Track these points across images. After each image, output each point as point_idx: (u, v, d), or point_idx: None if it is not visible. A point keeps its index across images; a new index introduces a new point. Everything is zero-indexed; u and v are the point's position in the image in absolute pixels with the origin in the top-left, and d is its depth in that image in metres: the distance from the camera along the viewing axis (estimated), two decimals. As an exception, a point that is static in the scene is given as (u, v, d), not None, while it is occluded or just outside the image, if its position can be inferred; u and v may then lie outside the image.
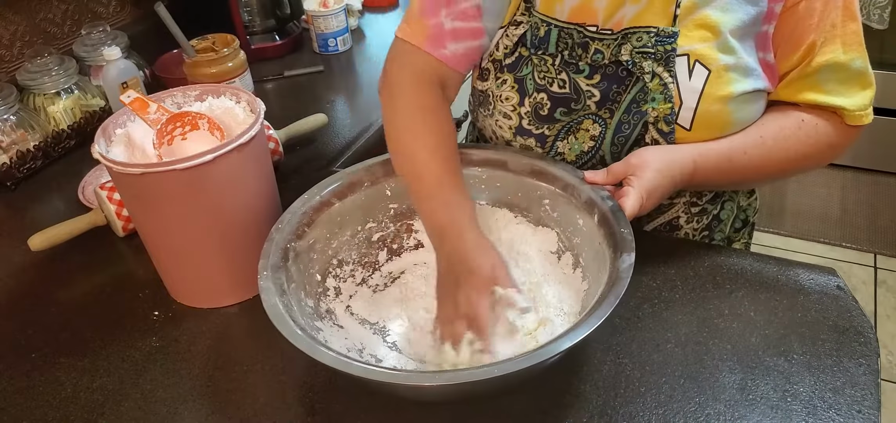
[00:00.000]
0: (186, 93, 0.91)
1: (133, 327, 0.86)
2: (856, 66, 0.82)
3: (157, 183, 0.77)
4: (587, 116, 0.87)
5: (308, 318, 0.74)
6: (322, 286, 0.83)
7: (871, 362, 0.74)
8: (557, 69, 0.87)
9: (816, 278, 0.84)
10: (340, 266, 0.86)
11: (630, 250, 0.71)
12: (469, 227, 0.78)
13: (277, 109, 1.41)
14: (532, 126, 0.90)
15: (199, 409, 0.75)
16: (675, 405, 0.71)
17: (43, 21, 1.45)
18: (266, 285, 0.72)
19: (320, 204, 0.85)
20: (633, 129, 0.86)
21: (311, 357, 0.63)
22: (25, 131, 1.22)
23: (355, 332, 0.79)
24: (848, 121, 0.85)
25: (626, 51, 0.83)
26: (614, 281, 0.69)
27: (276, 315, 0.68)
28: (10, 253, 1.02)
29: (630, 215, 0.76)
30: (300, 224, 0.82)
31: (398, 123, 0.88)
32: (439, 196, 0.81)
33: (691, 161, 0.83)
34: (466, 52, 0.91)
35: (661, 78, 0.82)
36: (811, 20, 0.80)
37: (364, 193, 0.89)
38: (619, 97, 0.85)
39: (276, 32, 1.66)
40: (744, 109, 0.84)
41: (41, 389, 0.79)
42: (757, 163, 0.85)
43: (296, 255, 0.79)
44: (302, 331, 0.67)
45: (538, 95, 0.88)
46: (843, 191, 2.62)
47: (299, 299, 0.76)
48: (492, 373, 0.61)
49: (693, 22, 0.81)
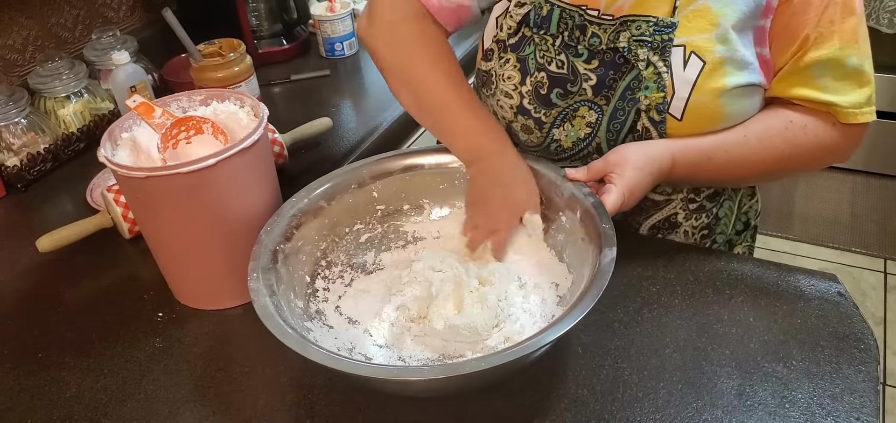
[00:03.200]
0: (191, 97, 0.92)
1: (137, 328, 0.87)
2: (851, 62, 0.81)
3: (161, 186, 0.78)
4: (583, 103, 0.88)
5: (298, 318, 0.75)
6: (311, 287, 0.84)
7: (871, 369, 0.73)
8: (557, 50, 0.88)
9: (817, 285, 0.84)
10: (329, 267, 0.87)
11: (611, 245, 0.72)
12: (508, 147, 0.87)
13: (283, 112, 1.43)
14: (532, 107, 0.91)
15: (200, 410, 0.76)
16: (672, 410, 0.71)
17: (55, 26, 1.47)
18: (256, 286, 0.74)
19: (308, 206, 0.86)
20: (626, 116, 0.86)
21: (302, 355, 0.65)
22: (36, 134, 1.23)
23: (345, 332, 0.81)
24: (841, 119, 0.84)
25: (625, 38, 0.84)
26: (596, 275, 0.69)
27: (267, 315, 0.69)
28: (18, 254, 1.04)
29: (611, 211, 0.78)
30: (289, 226, 0.83)
31: (405, 58, 0.92)
32: (470, 120, 0.88)
33: (670, 156, 0.84)
34: (453, 10, 0.94)
35: (655, 67, 0.83)
36: (807, 14, 0.80)
37: (352, 195, 0.90)
38: (615, 84, 0.86)
39: (283, 37, 1.67)
40: (737, 102, 0.84)
41: (46, 388, 0.80)
42: (737, 161, 0.85)
43: (285, 256, 0.81)
44: (292, 330, 0.68)
45: (539, 74, 0.90)
46: (853, 195, 2.60)
47: (289, 299, 0.77)
48: (479, 366, 0.62)
49: (693, 12, 0.81)
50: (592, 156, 0.90)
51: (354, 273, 0.89)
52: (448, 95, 0.90)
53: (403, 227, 0.93)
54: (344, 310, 0.84)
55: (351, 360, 0.67)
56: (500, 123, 0.96)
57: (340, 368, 0.64)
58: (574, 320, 0.64)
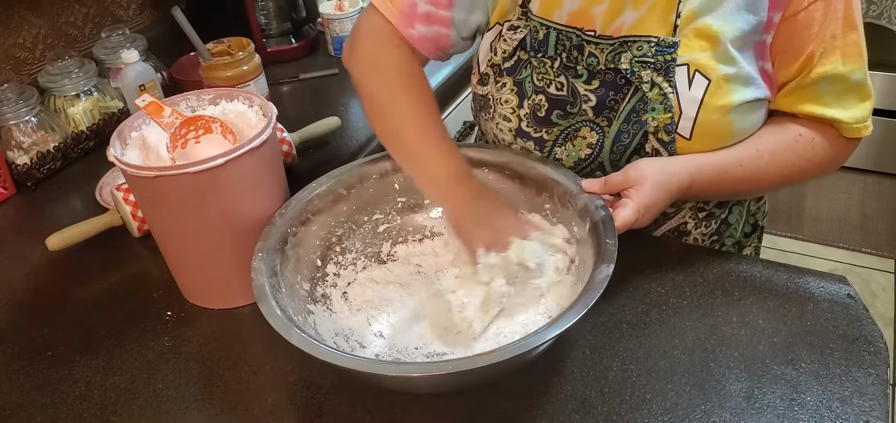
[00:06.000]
0: (200, 97, 0.92)
1: (146, 326, 0.88)
2: (855, 77, 0.82)
3: (171, 186, 0.79)
4: (584, 123, 0.88)
5: (300, 301, 0.77)
6: (322, 271, 0.85)
7: (881, 372, 0.73)
8: (556, 72, 0.88)
9: (827, 286, 0.83)
10: (343, 254, 0.89)
11: (610, 261, 0.71)
12: (469, 175, 0.86)
13: (292, 111, 1.43)
14: (531, 129, 0.91)
15: (209, 408, 0.76)
16: (680, 412, 0.71)
17: (64, 24, 1.47)
18: (258, 265, 0.76)
19: (327, 192, 0.88)
20: (632, 138, 0.86)
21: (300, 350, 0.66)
22: (46, 133, 1.24)
23: (346, 318, 0.82)
24: (845, 133, 0.85)
25: (626, 59, 0.83)
26: (587, 290, 0.69)
27: (261, 295, 0.72)
28: (28, 252, 1.04)
29: (622, 226, 0.76)
30: (304, 210, 0.85)
31: (380, 89, 0.91)
32: (441, 160, 0.85)
33: (688, 175, 0.83)
34: (433, 38, 0.93)
35: (660, 88, 0.82)
36: (810, 30, 0.80)
37: (373, 185, 0.91)
38: (616, 105, 0.85)
39: (291, 35, 1.67)
40: (744, 118, 0.84)
41: (56, 386, 0.81)
42: (752, 175, 0.85)
43: (296, 239, 0.82)
44: (281, 312, 0.70)
45: (536, 97, 0.89)
46: (863, 195, 2.58)
47: (294, 281, 0.79)
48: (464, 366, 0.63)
49: (693, 31, 0.81)
50: (595, 174, 0.90)
51: (368, 262, 0.90)
52: (421, 133, 0.87)
53: (422, 221, 0.94)
54: (351, 297, 0.85)
55: (331, 349, 0.68)
56: (500, 145, 0.96)
57: (316, 354, 0.65)
58: (562, 328, 0.65)
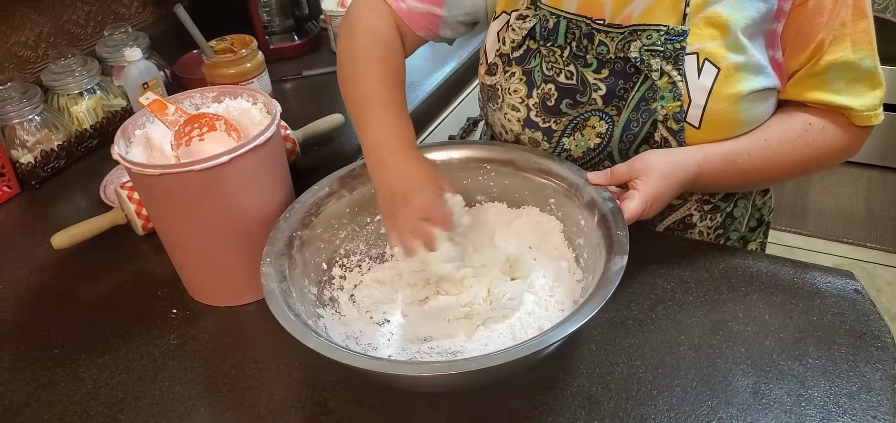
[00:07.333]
0: (204, 94, 0.92)
1: (152, 324, 0.88)
2: (865, 65, 0.81)
3: (175, 184, 0.79)
4: (593, 113, 0.88)
5: (310, 305, 0.76)
6: (328, 275, 0.85)
7: (888, 367, 0.73)
8: (566, 61, 0.87)
9: (834, 281, 0.83)
10: (347, 256, 0.88)
11: (623, 253, 0.71)
12: (411, 148, 0.83)
13: (295, 108, 1.43)
14: (539, 118, 0.91)
15: (215, 406, 0.76)
16: (687, 408, 0.71)
17: (67, 22, 1.47)
18: (267, 271, 0.76)
19: (329, 195, 0.87)
20: (641, 127, 0.85)
21: (306, 347, 0.66)
22: (49, 131, 1.24)
23: (356, 321, 0.82)
24: (856, 122, 0.84)
25: (635, 48, 0.83)
26: (603, 282, 0.69)
27: (273, 300, 0.71)
28: (33, 251, 1.04)
29: (631, 217, 0.76)
30: (307, 214, 0.85)
31: (354, 53, 0.91)
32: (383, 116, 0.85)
33: (696, 165, 0.82)
34: (423, 15, 0.95)
35: (669, 76, 0.82)
36: (820, 18, 0.79)
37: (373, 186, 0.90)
38: (626, 94, 0.85)
39: (294, 32, 1.67)
40: (754, 107, 0.83)
41: (62, 384, 0.81)
42: (761, 165, 0.85)
43: (302, 243, 0.82)
44: (295, 316, 0.70)
45: (546, 86, 0.89)
46: (868, 190, 2.57)
47: (302, 285, 0.79)
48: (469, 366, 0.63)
49: (703, 19, 0.81)
50: (604, 164, 0.89)
51: (372, 263, 0.90)
52: (373, 93, 0.87)
53: None
54: (358, 299, 0.85)
55: (347, 351, 0.68)
56: (508, 138, 0.96)
57: (335, 357, 0.65)
58: (577, 325, 0.64)
